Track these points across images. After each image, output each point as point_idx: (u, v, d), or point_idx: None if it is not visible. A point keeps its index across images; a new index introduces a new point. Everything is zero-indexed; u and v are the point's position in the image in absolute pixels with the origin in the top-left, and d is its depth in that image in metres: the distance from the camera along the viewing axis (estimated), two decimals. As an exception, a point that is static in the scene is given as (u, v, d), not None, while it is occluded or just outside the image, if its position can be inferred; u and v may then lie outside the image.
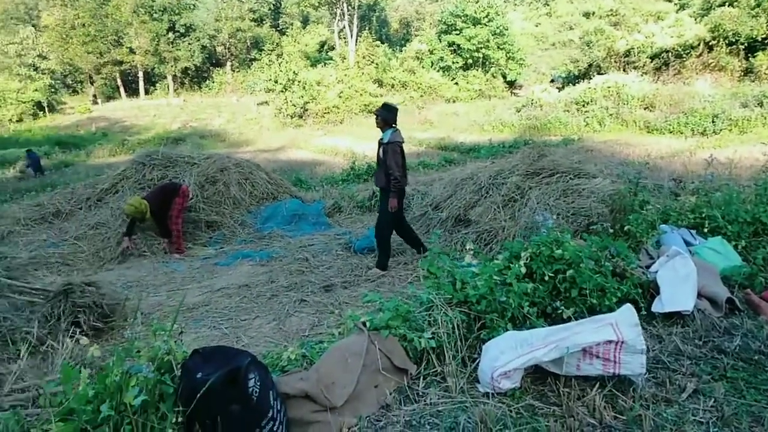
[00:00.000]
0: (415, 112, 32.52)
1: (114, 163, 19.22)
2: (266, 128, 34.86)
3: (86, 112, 40.32)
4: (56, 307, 3.99)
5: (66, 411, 2.04)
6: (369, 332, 2.83)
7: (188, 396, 2.12)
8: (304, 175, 14.08)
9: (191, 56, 44.93)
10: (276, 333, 4.21)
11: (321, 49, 47.05)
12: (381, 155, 5.42)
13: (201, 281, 5.68)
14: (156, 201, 6.67)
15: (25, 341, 3.97)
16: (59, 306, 4.04)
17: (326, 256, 6.21)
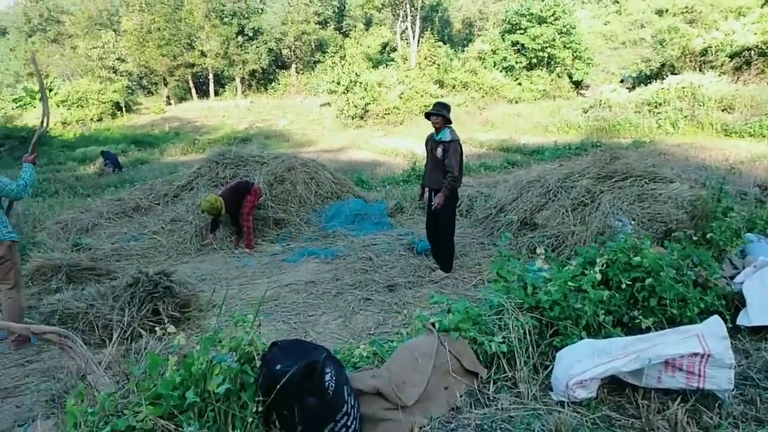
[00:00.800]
0: (476, 113, 32.15)
1: (185, 161, 20.14)
2: (328, 129, 35.48)
3: (160, 113, 42.45)
4: (137, 296, 4.22)
5: (154, 395, 2.16)
6: (438, 333, 2.83)
7: (267, 386, 2.20)
8: (365, 176, 14.22)
9: (258, 59, 46.36)
10: (342, 330, 4.29)
11: (383, 51, 47.32)
12: (439, 154, 5.35)
13: (270, 276, 5.87)
14: (231, 198, 6.96)
15: (107, 328, 4.24)
16: (140, 295, 4.27)
17: (389, 256, 6.25)
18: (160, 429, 2.03)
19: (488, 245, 6.33)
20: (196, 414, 2.11)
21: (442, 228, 5.56)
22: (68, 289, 4.97)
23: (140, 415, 2.05)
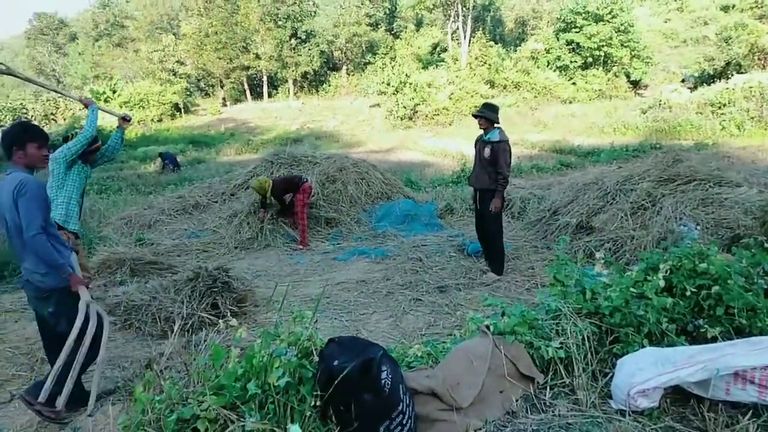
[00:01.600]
0: (528, 114, 31.57)
1: (240, 161, 20.73)
2: (377, 129, 35.68)
3: (216, 114, 43.90)
4: (197, 290, 4.38)
5: (217, 386, 2.24)
6: (493, 336, 2.80)
7: (325, 381, 2.24)
8: (414, 176, 14.21)
9: (311, 61, 47.16)
10: (393, 329, 4.31)
11: (433, 51, 47.18)
12: (487, 155, 5.29)
13: (321, 274, 5.96)
14: (279, 186, 7.33)
15: (168, 320, 4.41)
16: (201, 289, 4.43)
17: (439, 257, 6.23)
18: (223, 419, 2.10)
19: (541, 248, 6.21)
20: (257, 405, 2.17)
21: (488, 229, 5.52)
22: (132, 282, 5.22)
23: (204, 405, 2.13)
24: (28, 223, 2.78)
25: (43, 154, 3.01)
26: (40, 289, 2.94)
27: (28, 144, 2.94)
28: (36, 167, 3.02)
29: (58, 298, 2.97)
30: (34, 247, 2.80)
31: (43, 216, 2.84)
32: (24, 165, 2.94)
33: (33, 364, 3.87)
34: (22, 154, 2.93)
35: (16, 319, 4.75)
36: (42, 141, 3.00)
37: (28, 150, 2.93)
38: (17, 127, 3.04)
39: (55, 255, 2.86)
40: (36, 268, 2.90)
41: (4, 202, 2.86)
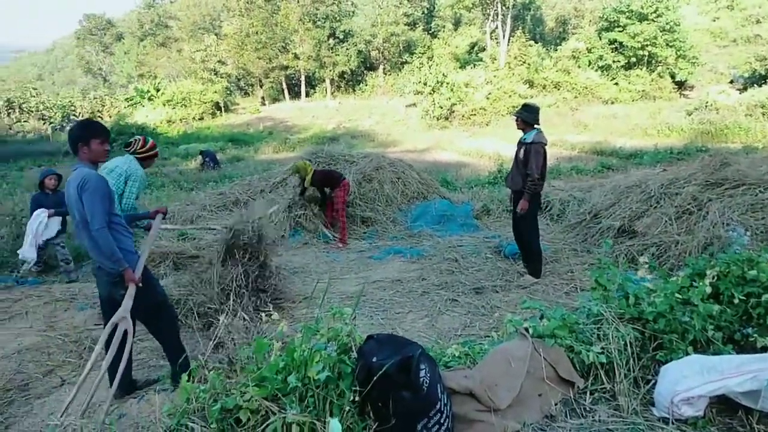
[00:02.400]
0: (568, 114, 30.98)
1: (277, 159, 21.06)
2: (413, 129, 35.64)
3: (255, 113, 44.70)
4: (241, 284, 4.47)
5: (259, 378, 2.29)
6: (532, 339, 2.77)
7: (364, 377, 2.26)
8: (450, 177, 14.15)
9: (348, 61, 47.48)
10: (429, 329, 4.31)
11: (471, 51, 46.81)
12: (521, 156, 5.23)
13: (357, 272, 6.01)
14: (320, 176, 7.46)
15: (207, 315, 4.52)
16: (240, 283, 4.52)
17: (475, 258, 6.19)
18: (264, 410, 2.14)
19: (581, 252, 6.10)
20: (297, 398, 2.21)
21: (522, 231, 5.46)
22: (174, 275, 5.37)
23: (246, 395, 2.18)
24: (92, 217, 2.94)
25: (105, 148, 3.17)
26: (111, 273, 3.09)
27: (92, 140, 3.09)
28: (99, 161, 3.21)
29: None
30: (97, 239, 2.95)
31: (104, 208, 2.98)
32: (88, 160, 3.11)
33: (81, 351, 4.04)
34: (87, 150, 3.08)
35: (66, 308, 4.96)
36: (104, 137, 3.16)
37: (91, 146, 3.09)
38: (81, 125, 3.20)
39: (115, 249, 2.99)
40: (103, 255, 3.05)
41: (71, 196, 3.03)
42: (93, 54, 66.76)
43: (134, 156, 4.40)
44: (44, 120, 46.58)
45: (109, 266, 3.05)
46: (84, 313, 4.75)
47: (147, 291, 3.16)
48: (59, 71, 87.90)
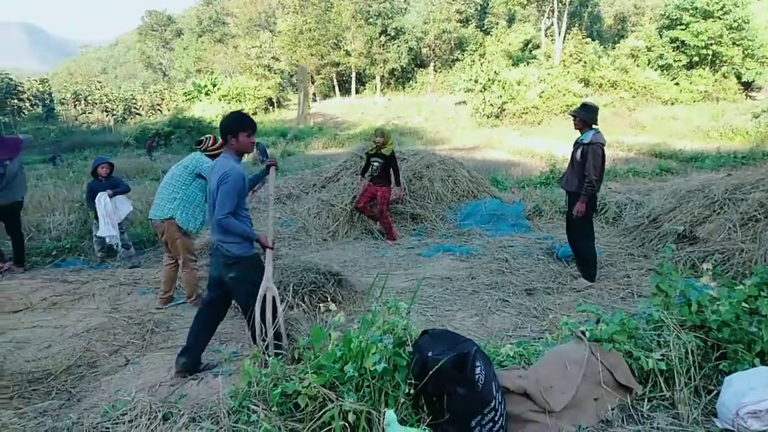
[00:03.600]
0: (625, 115, 29.99)
1: (326, 154, 21.35)
2: (462, 127, 35.36)
3: (307, 109, 45.43)
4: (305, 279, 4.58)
5: (317, 366, 2.36)
6: (589, 343, 2.73)
7: (419, 371, 2.29)
8: (500, 176, 13.98)
9: (399, 57, 47.57)
10: (479, 328, 4.29)
11: (525, 48, 45.95)
12: (578, 156, 5.10)
13: (407, 269, 6.04)
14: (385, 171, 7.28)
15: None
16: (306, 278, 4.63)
17: (527, 259, 6.11)
18: (322, 397, 2.21)
19: (638, 257, 5.91)
20: (354, 387, 2.26)
21: (576, 233, 5.33)
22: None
23: (305, 382, 2.25)
24: (221, 207, 3.17)
25: (251, 141, 3.38)
26: (226, 256, 3.28)
27: (240, 133, 3.30)
28: (245, 152, 3.42)
29: (240, 266, 3.29)
30: (222, 225, 3.19)
31: (232, 203, 3.19)
32: (235, 151, 3.34)
33: (144, 333, 4.24)
34: (235, 141, 3.30)
35: (129, 292, 5.21)
36: (252, 130, 3.36)
37: (240, 138, 3.30)
38: (233, 117, 3.41)
39: (243, 228, 3.25)
40: (224, 238, 3.26)
41: (212, 183, 3.27)
42: (154, 49, 69.54)
43: (204, 153, 4.61)
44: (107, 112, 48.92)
45: (225, 248, 3.25)
46: (146, 297, 4.99)
47: (255, 271, 3.31)
48: (122, 65, 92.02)
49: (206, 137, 4.75)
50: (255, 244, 3.41)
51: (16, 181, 6.06)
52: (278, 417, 2.21)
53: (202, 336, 3.50)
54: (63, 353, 3.77)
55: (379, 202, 7.30)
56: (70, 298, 4.91)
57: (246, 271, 3.31)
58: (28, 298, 4.81)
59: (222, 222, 3.18)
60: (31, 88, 49.03)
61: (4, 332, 4.13)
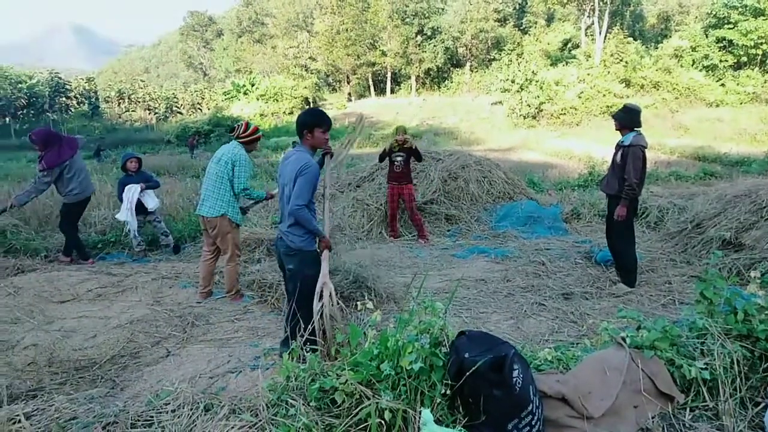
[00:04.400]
0: (667, 116, 29.13)
1: (360, 154, 21.46)
2: (498, 128, 35.02)
3: (342, 108, 45.84)
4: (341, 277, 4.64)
5: (354, 363, 2.38)
6: (630, 349, 2.67)
7: (456, 372, 2.29)
8: (536, 177, 13.80)
9: (435, 57, 47.47)
10: (514, 331, 4.25)
11: (564, 48, 45.16)
12: (618, 159, 5.02)
13: (441, 269, 6.03)
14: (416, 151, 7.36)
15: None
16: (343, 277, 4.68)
17: (564, 263, 6.02)
18: (359, 394, 2.23)
19: (680, 263, 5.75)
20: (390, 385, 2.28)
21: (616, 237, 5.22)
22: (270, 261, 5.66)
23: (342, 378, 2.28)
24: (297, 197, 3.27)
25: (326, 137, 3.51)
26: (288, 246, 3.41)
27: (316, 128, 3.43)
28: (318, 147, 3.55)
29: (300, 258, 3.41)
30: (296, 216, 3.30)
31: (309, 195, 3.32)
32: (309, 145, 3.45)
33: (185, 326, 4.36)
34: (310, 136, 3.42)
35: (170, 285, 5.36)
36: (327, 126, 3.49)
37: (315, 133, 3.43)
38: (310, 113, 3.54)
39: (314, 223, 3.38)
40: (289, 229, 3.39)
41: (287, 174, 3.38)
42: (195, 49, 71.26)
43: (238, 141, 4.69)
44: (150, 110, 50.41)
45: (289, 239, 3.38)
46: (187, 290, 5.13)
47: (311, 267, 3.39)
48: (164, 65, 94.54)
49: (238, 124, 4.84)
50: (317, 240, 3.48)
51: (85, 176, 6.27)
52: (315, 412, 2.24)
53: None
54: (108, 343, 3.92)
55: (407, 201, 7.31)
56: (114, 290, 5.08)
57: (303, 265, 3.39)
58: (74, 289, 5.00)
59: (296, 212, 3.27)
60: (78, 87, 51.00)
61: (53, 321, 4.31)
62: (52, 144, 5.97)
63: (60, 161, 5.93)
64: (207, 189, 4.73)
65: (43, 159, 5.91)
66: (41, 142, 5.96)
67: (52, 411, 2.23)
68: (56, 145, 5.98)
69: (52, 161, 5.89)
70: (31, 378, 3.37)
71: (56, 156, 5.92)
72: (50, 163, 5.89)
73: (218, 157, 4.70)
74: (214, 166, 4.69)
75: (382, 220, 7.74)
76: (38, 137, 5.97)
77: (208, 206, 4.68)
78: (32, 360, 3.60)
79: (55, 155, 5.92)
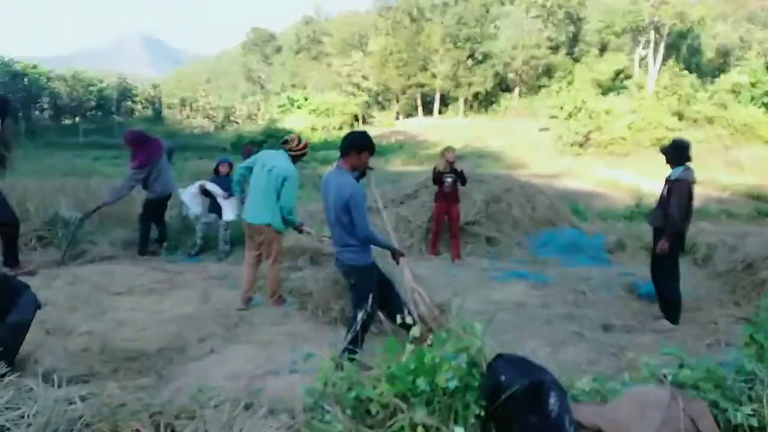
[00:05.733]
0: (721, 152, 28.16)
1: (405, 171, 21.63)
2: (543, 154, 34.62)
3: (389, 126, 46.40)
4: None
5: (390, 375, 2.43)
6: (672, 388, 2.62)
7: (491, 394, 2.30)
8: (581, 206, 13.57)
9: (484, 81, 47.53)
10: (550, 359, 4.19)
11: (616, 78, 44.43)
12: (665, 193, 4.98)
13: (478, 291, 6.00)
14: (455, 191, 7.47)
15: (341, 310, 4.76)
16: None
17: (605, 294, 5.91)
18: (393, 406, 2.27)
19: (728, 303, 5.55)
20: (424, 401, 2.31)
21: (660, 272, 5.12)
22: (311, 269, 5.77)
23: (378, 389, 2.33)
24: (360, 227, 3.44)
25: (367, 162, 3.70)
26: (343, 264, 3.59)
27: (365, 151, 3.58)
28: (359, 169, 3.73)
29: (357, 273, 3.58)
30: (368, 241, 3.54)
31: (366, 217, 3.51)
32: (351, 166, 3.58)
33: (229, 325, 4.50)
34: (356, 158, 3.56)
35: (218, 285, 5.55)
36: (372, 152, 3.66)
37: (362, 156, 3.58)
38: (361, 135, 3.72)
39: (380, 239, 3.66)
40: (343, 249, 3.58)
41: (331, 198, 3.54)
42: (254, 63, 73.60)
43: (288, 153, 4.77)
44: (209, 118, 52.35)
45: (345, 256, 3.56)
46: (233, 292, 5.28)
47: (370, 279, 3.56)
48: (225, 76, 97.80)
49: (291, 137, 4.88)
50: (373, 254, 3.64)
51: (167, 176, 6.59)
52: (351, 420, 2.29)
53: None
54: (156, 336, 4.09)
55: (453, 220, 7.38)
56: (166, 286, 5.30)
57: (362, 279, 3.54)
58: (129, 282, 5.25)
59: (369, 235, 3.48)
60: (143, 92, 53.46)
61: (107, 312, 4.53)
62: (144, 144, 6.30)
63: (151, 161, 6.25)
64: (255, 196, 4.77)
65: (136, 158, 6.23)
66: (134, 142, 6.30)
67: (104, 396, 2.36)
68: (147, 146, 6.30)
69: (144, 160, 6.21)
70: (83, 363, 3.55)
71: (147, 155, 6.24)
72: (142, 161, 6.21)
73: (269, 166, 4.69)
74: (265, 177, 4.68)
75: (423, 237, 7.79)
76: (132, 137, 6.33)
77: (256, 214, 4.75)
78: (86, 347, 3.79)
79: (146, 155, 6.24)
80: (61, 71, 51.19)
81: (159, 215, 6.84)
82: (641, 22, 39.06)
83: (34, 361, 3.48)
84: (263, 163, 4.77)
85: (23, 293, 3.08)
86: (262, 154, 4.97)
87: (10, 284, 3.11)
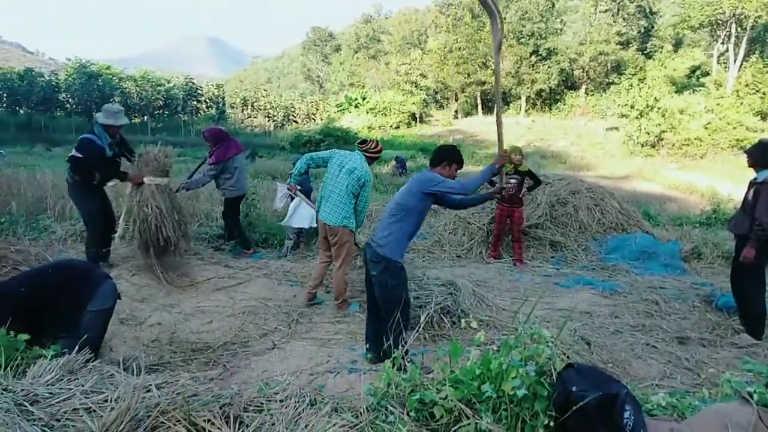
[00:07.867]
0: (812, 155, 26.05)
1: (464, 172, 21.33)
2: (611, 154, 33.29)
3: (447, 125, 46.03)
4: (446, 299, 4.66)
5: (454, 380, 2.39)
6: (758, 407, 2.43)
7: (561, 404, 2.21)
8: (652, 210, 12.92)
9: (548, 78, 46.20)
10: (621, 371, 4.01)
11: (691, 75, 41.99)
12: (749, 197, 4.62)
13: (542, 297, 5.83)
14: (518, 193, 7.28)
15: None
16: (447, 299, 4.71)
17: (680, 305, 5.58)
18: (458, 411, 2.23)
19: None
20: (490, 408, 2.25)
21: (742, 282, 4.77)
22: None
23: (442, 393, 2.29)
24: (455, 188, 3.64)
25: (455, 174, 3.79)
26: (376, 253, 3.59)
27: (455, 163, 3.76)
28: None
29: (384, 266, 3.57)
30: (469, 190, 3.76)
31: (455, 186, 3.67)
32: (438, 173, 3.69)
33: (290, 321, 4.60)
34: (447, 168, 3.71)
35: (279, 282, 5.68)
36: (461, 166, 3.81)
37: (451, 167, 3.74)
38: (454, 150, 3.87)
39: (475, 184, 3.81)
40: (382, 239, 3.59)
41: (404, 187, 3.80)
42: (314, 62, 75.13)
43: (365, 155, 4.81)
44: (269, 117, 53.85)
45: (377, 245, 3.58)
46: (294, 289, 5.40)
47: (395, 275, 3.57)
48: (285, 76, 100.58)
49: (370, 139, 5.01)
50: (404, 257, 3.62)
51: (242, 175, 6.84)
52: (414, 422, 2.27)
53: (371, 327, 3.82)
54: (221, 330, 4.23)
55: (515, 224, 7.19)
56: (230, 282, 5.48)
57: (386, 274, 3.52)
58: (196, 277, 5.46)
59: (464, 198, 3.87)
60: (208, 92, 55.72)
61: (175, 305, 4.73)
62: (221, 142, 6.57)
63: (226, 158, 6.53)
64: (332, 195, 4.72)
65: (213, 154, 6.52)
66: (212, 140, 6.59)
67: (178, 386, 2.45)
68: (224, 144, 6.58)
69: (220, 157, 6.49)
70: (154, 353, 3.73)
71: (224, 153, 6.52)
72: (218, 158, 6.48)
73: (349, 168, 4.65)
74: (345, 178, 4.64)
75: (483, 240, 7.65)
76: (210, 135, 6.62)
77: (332, 213, 4.71)
78: (156, 337, 3.98)
79: (222, 152, 6.52)
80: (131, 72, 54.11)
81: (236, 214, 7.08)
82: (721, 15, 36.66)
83: (110, 349, 3.69)
84: (340, 163, 4.73)
85: (103, 282, 3.26)
86: (338, 153, 4.90)
87: (93, 274, 3.29)
